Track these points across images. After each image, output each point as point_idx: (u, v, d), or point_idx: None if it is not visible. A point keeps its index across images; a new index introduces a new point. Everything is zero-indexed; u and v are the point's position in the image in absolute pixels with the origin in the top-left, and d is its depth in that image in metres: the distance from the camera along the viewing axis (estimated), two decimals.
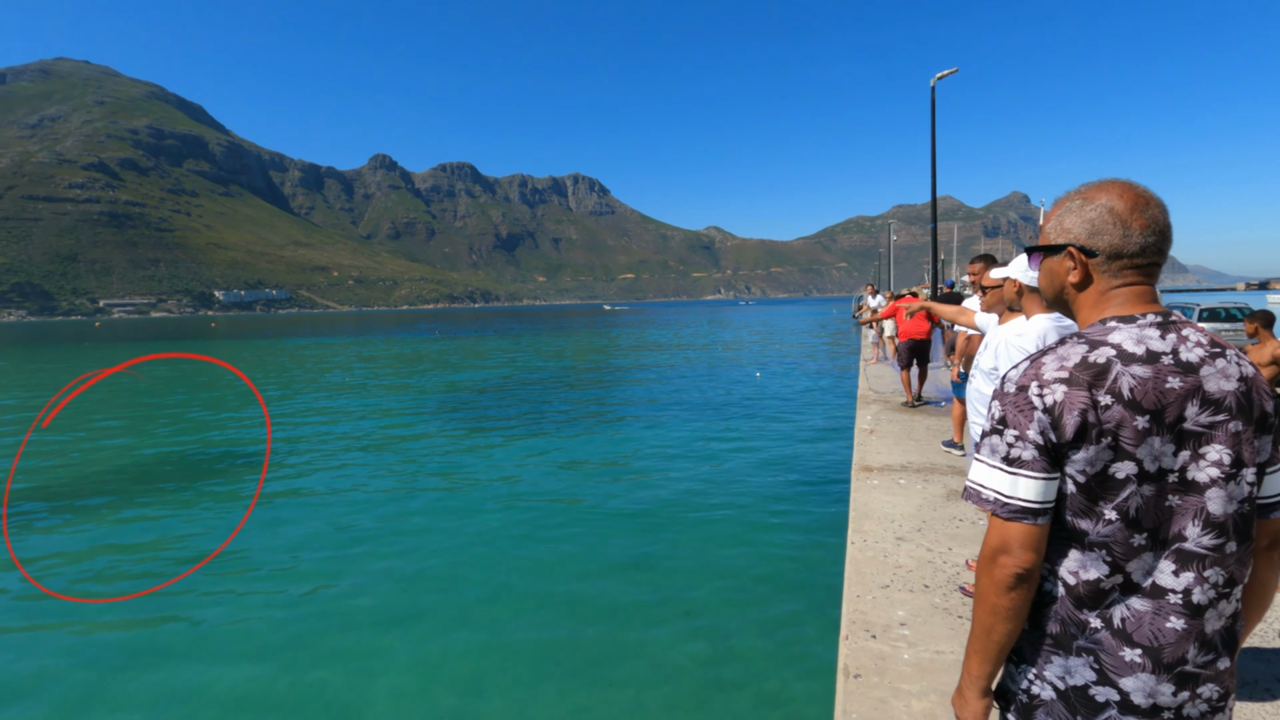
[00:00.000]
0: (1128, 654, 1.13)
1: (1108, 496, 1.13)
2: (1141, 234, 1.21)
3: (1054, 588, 1.19)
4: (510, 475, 10.05)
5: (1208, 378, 1.15)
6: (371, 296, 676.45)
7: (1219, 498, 1.14)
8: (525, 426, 13.89)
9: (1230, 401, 1.15)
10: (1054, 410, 1.13)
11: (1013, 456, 1.16)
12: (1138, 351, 1.14)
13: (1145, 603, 1.14)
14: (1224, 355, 1.18)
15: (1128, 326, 1.18)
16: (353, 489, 9.49)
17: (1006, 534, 1.17)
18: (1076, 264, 1.25)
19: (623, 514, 8.19)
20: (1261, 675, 2.87)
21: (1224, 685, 1.17)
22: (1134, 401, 1.11)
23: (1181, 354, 1.15)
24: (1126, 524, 1.13)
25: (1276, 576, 1.28)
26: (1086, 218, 1.24)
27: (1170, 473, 1.13)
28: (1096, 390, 1.12)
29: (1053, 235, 1.30)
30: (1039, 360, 1.19)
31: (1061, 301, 1.33)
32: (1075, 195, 1.28)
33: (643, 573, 6.46)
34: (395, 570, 6.61)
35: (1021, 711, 1.24)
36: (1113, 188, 1.24)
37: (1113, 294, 1.24)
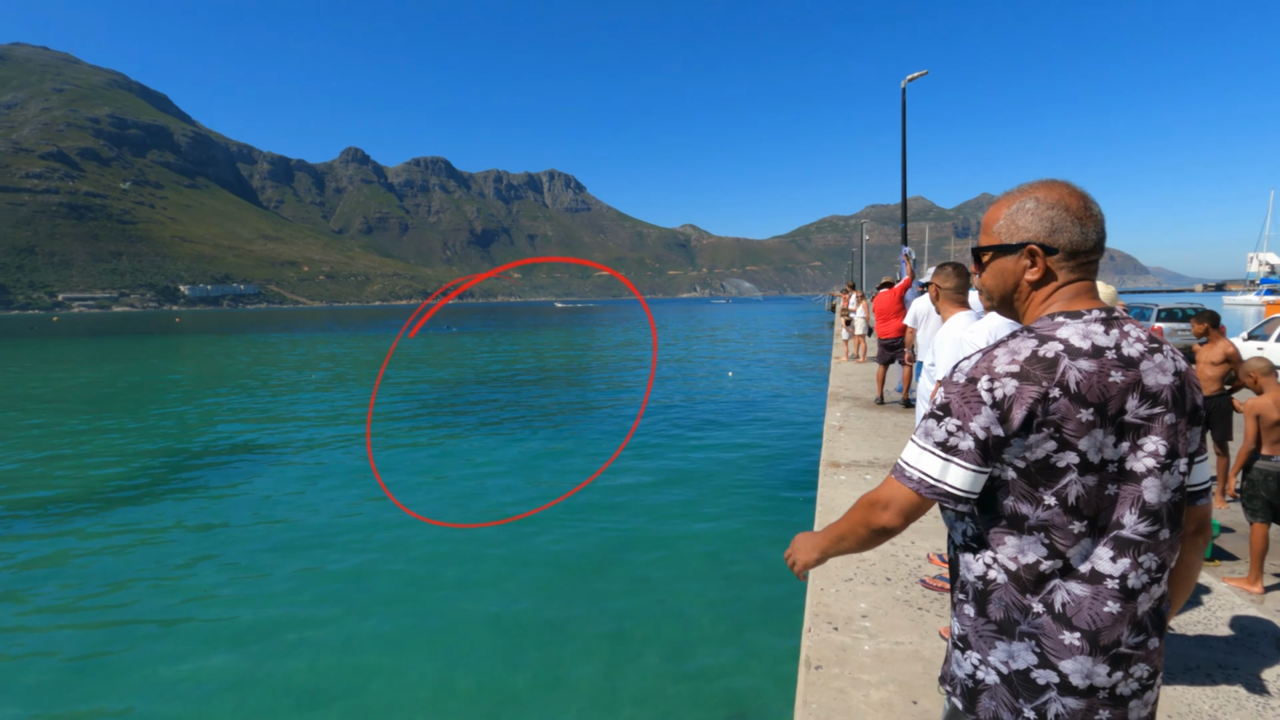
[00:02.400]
0: (1067, 637, 1.17)
1: (1048, 483, 1.16)
2: (1094, 230, 1.25)
3: (997, 575, 1.22)
4: (488, 472, 9.99)
5: (1147, 372, 1.18)
6: (343, 292, 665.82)
7: (1154, 487, 1.18)
8: (499, 425, 13.80)
9: (1167, 395, 1.19)
10: (1003, 404, 1.15)
11: (950, 444, 1.19)
12: (1084, 346, 1.17)
13: (1084, 588, 1.18)
14: (1161, 351, 1.22)
15: (1074, 322, 1.21)
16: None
17: (898, 498, 1.25)
18: (1036, 262, 1.26)
19: (590, 508, 8.18)
20: (1204, 661, 2.98)
21: (1153, 664, 1.22)
22: (1079, 395, 1.14)
23: (1124, 349, 1.19)
24: (1066, 511, 1.16)
25: (1200, 559, 1.35)
26: (1044, 216, 1.25)
27: (1110, 463, 1.16)
28: (1045, 383, 1.14)
29: (1004, 235, 1.30)
30: (990, 353, 1.21)
31: (1007, 300, 1.34)
32: (1024, 195, 1.29)
33: (609, 566, 6.47)
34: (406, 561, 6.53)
35: (966, 696, 1.27)
36: (1062, 187, 1.26)
37: (1061, 290, 1.26)
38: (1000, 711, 1.22)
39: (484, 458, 10.90)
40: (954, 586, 1.34)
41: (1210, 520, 1.34)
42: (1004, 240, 1.30)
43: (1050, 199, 1.25)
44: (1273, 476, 3.91)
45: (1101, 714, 1.18)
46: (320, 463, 10.76)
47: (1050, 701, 1.18)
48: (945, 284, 3.51)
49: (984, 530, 1.24)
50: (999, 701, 1.23)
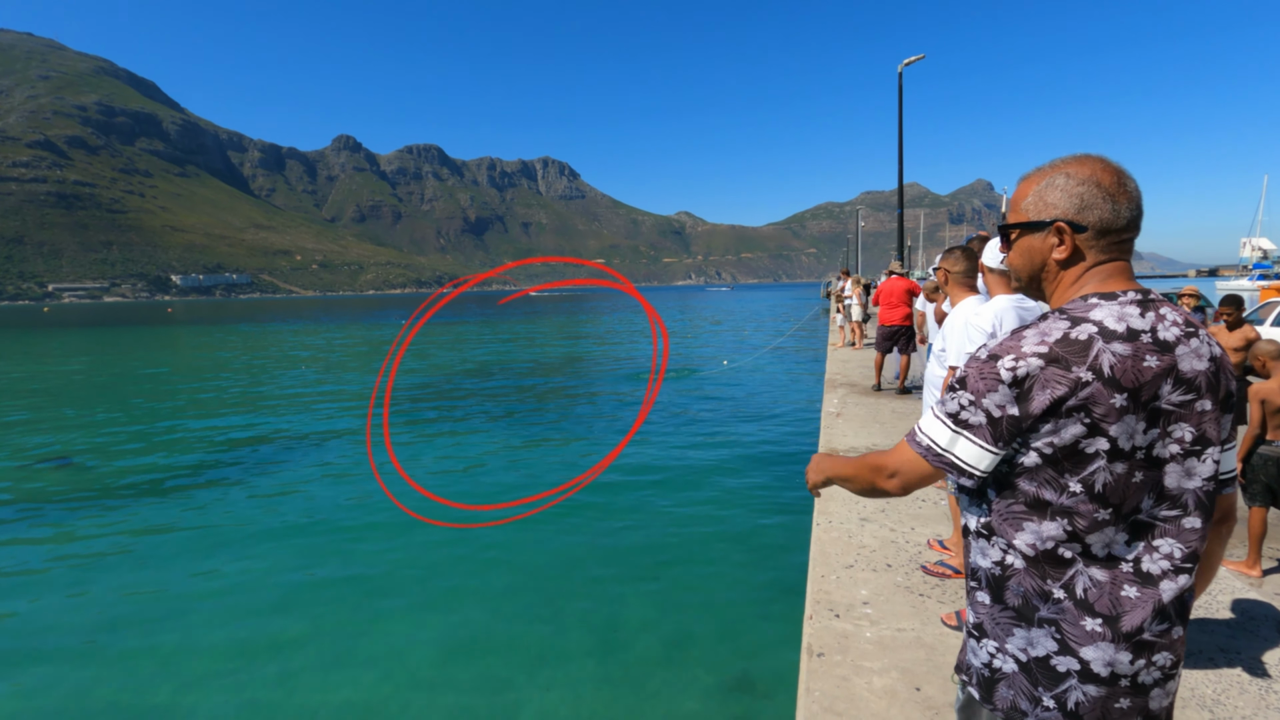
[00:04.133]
0: (1089, 623, 1.15)
1: (1075, 470, 1.13)
2: (1128, 208, 1.20)
3: (1013, 559, 1.19)
4: (478, 463, 9.96)
5: (1183, 357, 1.15)
6: (336, 281, 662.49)
7: (1178, 473, 1.15)
8: (485, 418, 13.77)
9: (1201, 381, 1.15)
10: (1023, 383, 1.12)
11: (961, 418, 1.17)
12: (1119, 329, 1.13)
13: (1105, 573, 1.15)
14: (1197, 335, 1.18)
15: (1109, 303, 1.17)
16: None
17: (909, 466, 1.27)
18: (1064, 240, 1.22)
19: (590, 500, 8.17)
20: (1206, 645, 2.98)
21: (1176, 653, 1.19)
22: (1113, 379, 1.10)
23: (1159, 333, 1.15)
24: (1092, 498, 1.13)
25: (1223, 549, 1.32)
26: (1074, 192, 1.20)
27: (1140, 450, 1.13)
28: (1077, 367, 1.10)
29: (1032, 212, 1.25)
30: (1020, 333, 1.17)
31: (1035, 281, 1.30)
32: (1054, 170, 1.24)
33: (607, 556, 6.46)
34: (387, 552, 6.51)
35: (983, 685, 1.25)
36: (1094, 162, 1.22)
37: (1094, 270, 1.22)
38: (1018, 700, 1.20)
39: (479, 449, 10.86)
40: (967, 574, 1.32)
41: (1235, 509, 1.31)
42: (1032, 217, 1.25)
43: (1082, 174, 1.21)
44: (1273, 461, 3.92)
45: (1122, 702, 1.16)
46: (324, 461, 10.70)
47: (1071, 690, 1.16)
48: (955, 268, 3.48)
49: (1001, 516, 1.21)
50: (1017, 690, 1.20)
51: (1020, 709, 1.20)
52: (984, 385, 1.15)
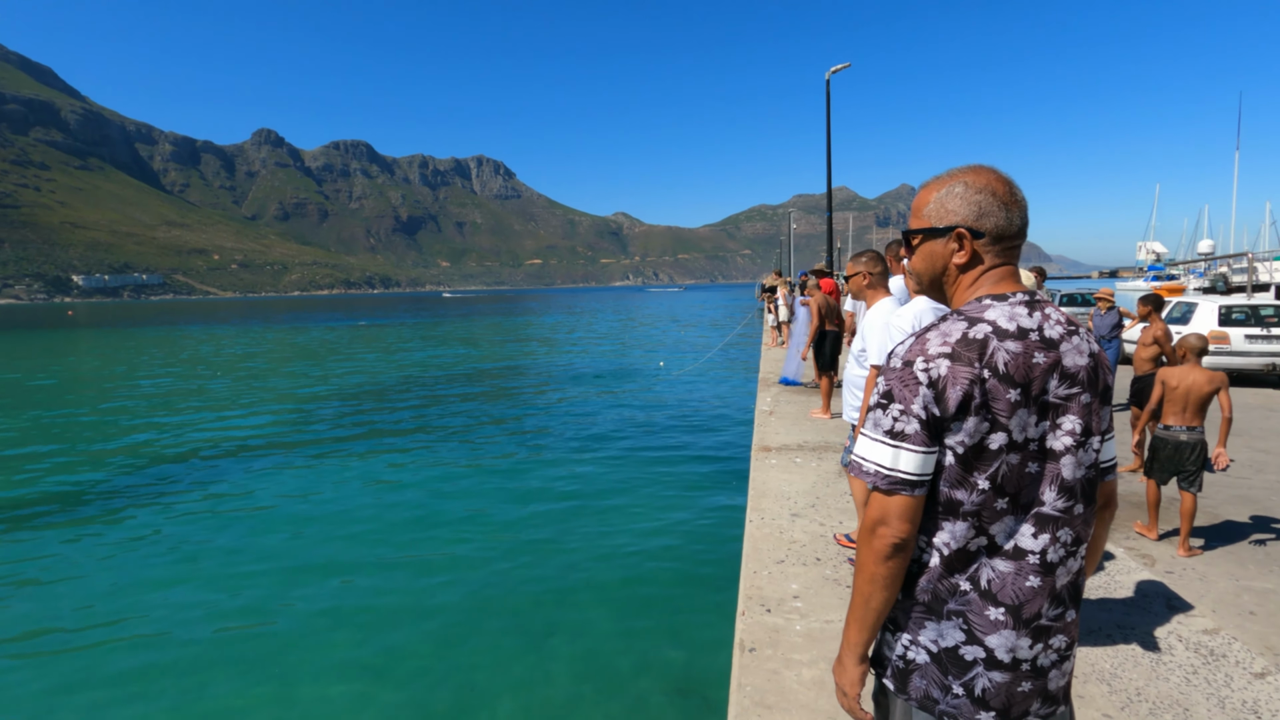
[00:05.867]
0: (993, 613, 1.20)
1: (981, 466, 1.18)
2: (1019, 216, 1.28)
3: (929, 557, 1.24)
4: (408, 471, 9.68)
5: (1066, 353, 1.23)
6: (259, 282, 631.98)
7: (1071, 464, 1.22)
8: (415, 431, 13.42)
9: (1083, 375, 1.24)
10: (938, 384, 1.17)
11: (896, 430, 1.20)
12: (1010, 328, 1.20)
13: (1008, 564, 1.21)
14: (1078, 333, 1.27)
15: (1001, 304, 1.24)
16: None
17: (886, 506, 1.21)
18: (964, 245, 1.29)
19: (524, 498, 8.07)
20: (1105, 623, 3.18)
21: (1070, 635, 1.27)
22: (1008, 375, 1.17)
23: (1046, 331, 1.22)
24: (994, 491, 1.19)
25: (1106, 532, 1.41)
26: (972, 200, 1.27)
27: (1032, 441, 1.20)
28: (977, 365, 1.16)
29: (934, 218, 1.32)
30: (923, 336, 1.23)
31: (937, 283, 1.36)
32: (953, 179, 1.31)
33: (541, 560, 6.40)
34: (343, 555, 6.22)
35: (898, 676, 1.29)
36: (989, 172, 1.30)
37: (989, 274, 1.29)
38: (930, 689, 1.25)
39: (412, 472, 10.56)
40: None
41: (1116, 495, 1.41)
42: (934, 223, 1.31)
43: (978, 184, 1.28)
44: (1170, 445, 4.46)
45: (1024, 685, 1.22)
46: (214, 493, 10.18)
47: (978, 677, 1.21)
48: (874, 269, 3.61)
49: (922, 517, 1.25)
50: (929, 680, 1.25)
51: (932, 697, 1.24)
52: (909, 392, 1.19)
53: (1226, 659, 2.85)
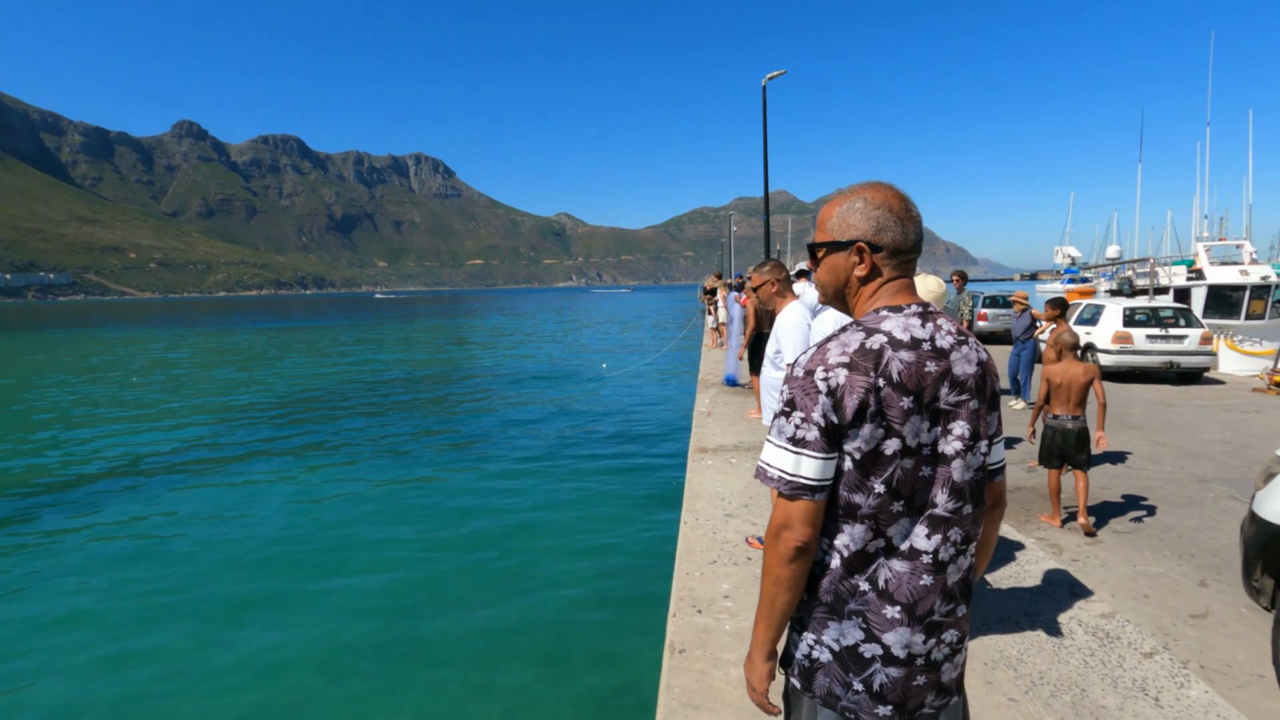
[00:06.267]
0: (889, 611, 1.26)
1: (877, 471, 1.24)
2: (913, 231, 1.35)
3: (831, 559, 1.29)
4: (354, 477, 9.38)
5: (956, 362, 1.29)
6: (180, 282, 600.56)
7: (960, 467, 1.28)
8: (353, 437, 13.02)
9: (972, 383, 1.31)
10: (836, 393, 1.22)
11: (798, 437, 1.24)
12: (904, 338, 1.26)
13: (904, 564, 1.27)
14: (967, 343, 1.34)
15: (897, 316, 1.29)
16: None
17: (789, 511, 1.25)
18: (864, 259, 1.34)
19: (457, 502, 7.94)
20: (1014, 610, 3.36)
21: (961, 630, 1.34)
22: (901, 383, 1.22)
23: (937, 341, 1.29)
24: (890, 494, 1.24)
25: (997, 530, 1.50)
26: (871, 216, 1.34)
27: (925, 446, 1.26)
28: (872, 374, 1.22)
29: (836, 232, 1.38)
30: (824, 346, 1.28)
31: (840, 295, 1.41)
32: (854, 195, 1.37)
33: (477, 566, 6.31)
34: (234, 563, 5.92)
35: (803, 675, 1.34)
36: (887, 189, 1.36)
37: (887, 286, 1.35)
38: (833, 687, 1.30)
39: (347, 485, 10.23)
40: None
41: (1005, 495, 1.49)
42: (836, 237, 1.37)
43: (877, 199, 1.34)
44: (1058, 432, 4.93)
45: (919, 679, 1.28)
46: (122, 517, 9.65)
47: (876, 673, 1.27)
48: (779, 275, 3.73)
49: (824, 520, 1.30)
50: (832, 678, 1.30)
51: (835, 694, 1.30)
52: (810, 400, 1.23)
53: (1120, 641, 3.05)
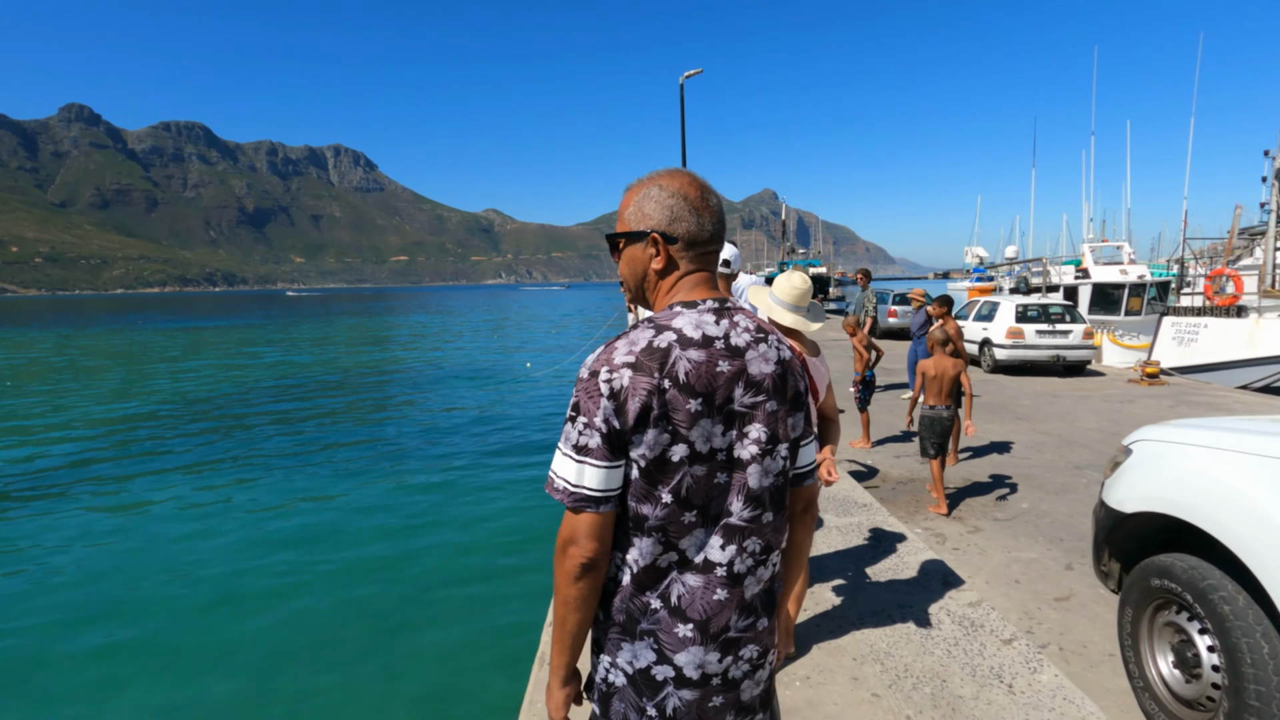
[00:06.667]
0: (681, 630, 1.17)
1: (665, 479, 1.14)
2: (710, 222, 1.24)
3: (623, 575, 1.19)
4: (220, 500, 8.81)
5: (751, 361, 1.20)
6: (71, 278, 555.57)
7: (757, 473, 1.20)
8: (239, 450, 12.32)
9: (769, 383, 1.22)
10: (619, 395, 1.12)
11: (581, 444, 1.14)
12: (695, 336, 1.16)
13: (698, 578, 1.18)
14: (766, 340, 1.24)
15: (690, 312, 1.20)
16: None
17: (575, 525, 1.15)
18: (660, 250, 1.24)
19: (359, 514, 7.58)
20: (888, 603, 3.41)
21: (763, 644, 1.26)
22: (688, 385, 1.13)
23: (732, 339, 1.19)
24: (680, 504, 1.15)
25: (809, 536, 1.43)
26: (665, 205, 1.23)
27: (719, 451, 1.17)
28: (657, 374, 1.12)
29: (633, 222, 1.26)
30: (612, 345, 1.17)
31: (641, 290, 1.31)
32: (650, 182, 1.26)
33: (386, 580, 6.02)
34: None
35: (601, 700, 1.25)
36: (683, 176, 1.26)
37: (684, 280, 1.25)
38: (628, 713, 1.20)
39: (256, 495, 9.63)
40: None
41: (816, 498, 1.43)
42: (633, 227, 1.26)
43: (671, 187, 1.24)
44: (934, 421, 5.22)
45: (715, 700, 1.20)
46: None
47: (669, 696, 1.18)
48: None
49: (614, 532, 1.20)
50: (627, 703, 1.20)
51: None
52: (592, 404, 1.13)
53: (983, 629, 3.14)
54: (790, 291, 2.71)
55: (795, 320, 2.69)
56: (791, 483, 1.33)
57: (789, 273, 2.75)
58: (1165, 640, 2.74)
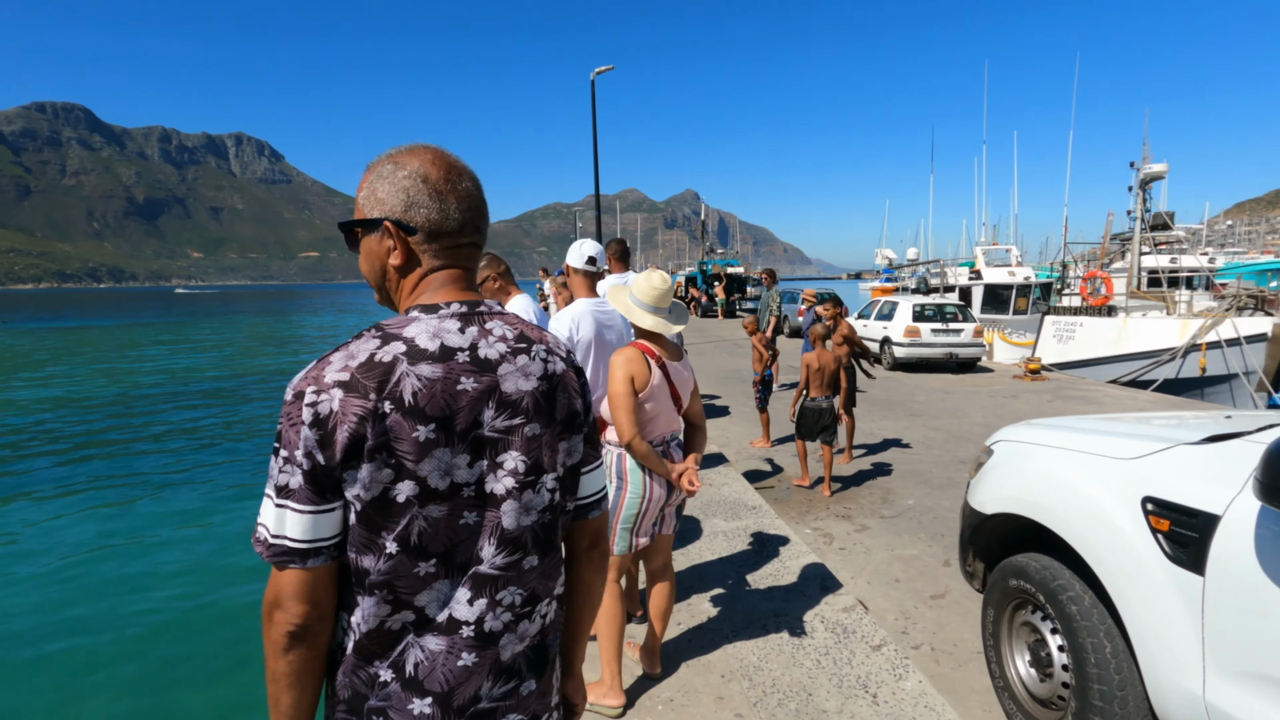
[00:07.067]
0: (417, 706, 0.96)
1: (389, 524, 0.93)
2: (459, 210, 1.04)
3: (346, 642, 0.97)
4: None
5: (506, 377, 1.01)
6: None
7: (514, 510, 1.01)
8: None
9: (528, 403, 1.03)
10: (326, 423, 0.90)
11: (282, 484, 0.92)
12: (430, 348, 0.96)
13: (440, 640, 0.97)
14: (528, 352, 1.05)
15: (428, 318, 1.00)
16: None
17: (279, 584, 0.92)
18: (396, 242, 1.03)
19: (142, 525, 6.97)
20: (764, 612, 3.32)
21: (529, 710, 1.06)
22: (416, 408, 0.92)
23: (481, 350, 1.00)
24: (410, 553, 0.94)
25: (601, 575, 1.23)
26: (401, 187, 1.02)
27: (465, 487, 0.97)
28: (373, 396, 0.91)
29: (366, 208, 1.05)
30: (326, 359, 0.95)
31: (385, 290, 1.09)
32: (386, 159, 1.05)
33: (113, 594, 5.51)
34: None
35: None
36: (426, 153, 1.05)
37: (429, 279, 1.05)
38: None
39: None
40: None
41: (606, 532, 1.23)
42: (366, 214, 1.05)
43: (410, 166, 1.03)
44: (816, 411, 5.58)
45: None
46: None
47: None
48: (499, 269, 3.38)
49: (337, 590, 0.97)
50: None
51: None
52: (294, 434, 0.91)
53: (855, 635, 3.09)
54: (650, 292, 2.54)
55: (655, 323, 2.53)
56: (574, 515, 1.15)
57: (648, 272, 2.58)
58: (1022, 640, 2.75)
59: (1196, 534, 2.02)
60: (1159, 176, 17.00)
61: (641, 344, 2.53)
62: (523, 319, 1.11)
